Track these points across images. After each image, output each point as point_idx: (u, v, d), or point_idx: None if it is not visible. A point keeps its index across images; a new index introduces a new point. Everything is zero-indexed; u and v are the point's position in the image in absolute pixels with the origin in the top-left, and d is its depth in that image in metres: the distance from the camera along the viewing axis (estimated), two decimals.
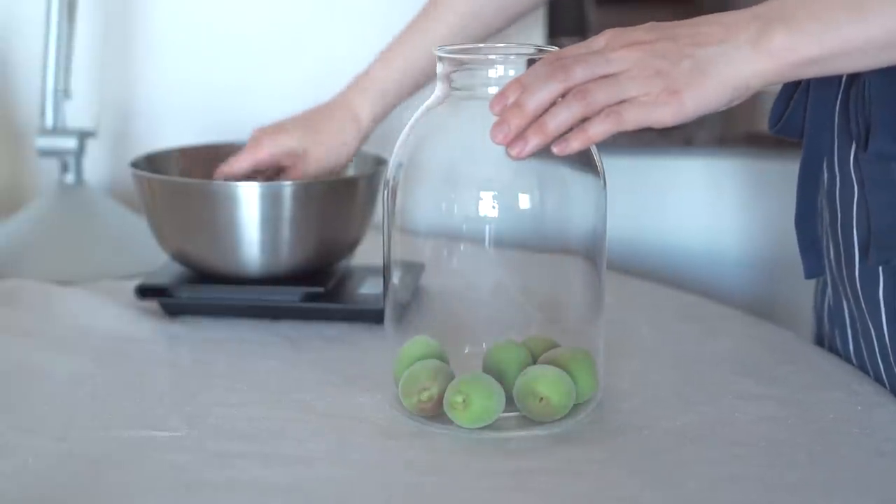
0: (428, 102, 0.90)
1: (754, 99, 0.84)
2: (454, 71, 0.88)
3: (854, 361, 1.00)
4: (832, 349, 1.03)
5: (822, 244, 0.99)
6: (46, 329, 1.08)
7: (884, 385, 0.96)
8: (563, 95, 0.80)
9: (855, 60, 0.82)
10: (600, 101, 0.79)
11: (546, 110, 0.80)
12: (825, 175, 0.96)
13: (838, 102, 0.95)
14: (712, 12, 0.84)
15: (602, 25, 0.86)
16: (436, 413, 0.87)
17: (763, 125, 1.80)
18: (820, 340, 1.07)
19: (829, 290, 1.01)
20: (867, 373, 0.98)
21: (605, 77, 0.80)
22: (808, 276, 1.00)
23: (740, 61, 0.80)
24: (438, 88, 0.89)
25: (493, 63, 0.86)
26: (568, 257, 0.91)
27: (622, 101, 0.80)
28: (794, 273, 1.72)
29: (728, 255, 1.73)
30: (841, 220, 0.94)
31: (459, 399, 0.85)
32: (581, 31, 2.26)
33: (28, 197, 1.45)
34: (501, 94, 0.81)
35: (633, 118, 0.80)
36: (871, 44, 0.80)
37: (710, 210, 1.74)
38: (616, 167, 1.66)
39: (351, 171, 1.21)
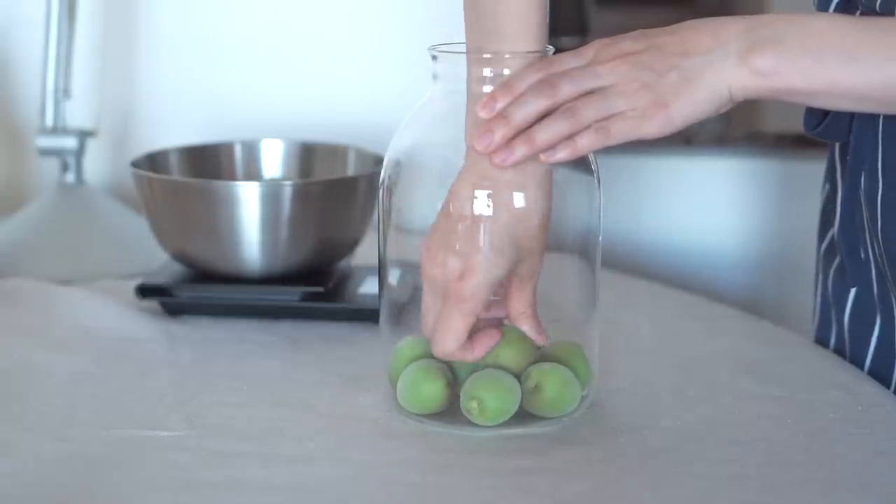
0: (423, 100, 0.90)
1: (754, 99, 0.84)
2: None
3: None
4: (854, 349, 1.01)
5: (863, 246, 0.98)
6: (47, 328, 1.08)
7: None
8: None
9: (836, 101, 0.83)
10: (589, 118, 0.81)
11: (533, 122, 0.81)
12: (864, 177, 0.95)
13: None
14: (711, 12, 0.84)
15: (602, 25, 0.87)
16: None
17: (762, 125, 1.81)
18: (823, 337, 1.06)
19: (875, 283, 0.98)
20: None
21: (593, 92, 0.81)
22: (855, 283, 0.99)
23: (726, 71, 0.80)
24: (434, 86, 0.89)
25: (489, 62, 0.86)
26: (563, 256, 0.91)
27: (610, 116, 0.80)
28: (793, 272, 1.72)
29: (728, 254, 1.73)
30: (882, 224, 0.93)
31: (474, 405, 0.85)
32: (581, 31, 2.26)
33: (28, 196, 1.45)
34: (491, 98, 0.82)
35: (621, 132, 0.81)
36: (854, 92, 0.81)
37: (710, 209, 1.74)
38: (616, 167, 1.67)
39: (350, 171, 1.21)
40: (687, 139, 1.69)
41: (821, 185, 1.08)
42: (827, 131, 0.96)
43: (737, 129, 1.77)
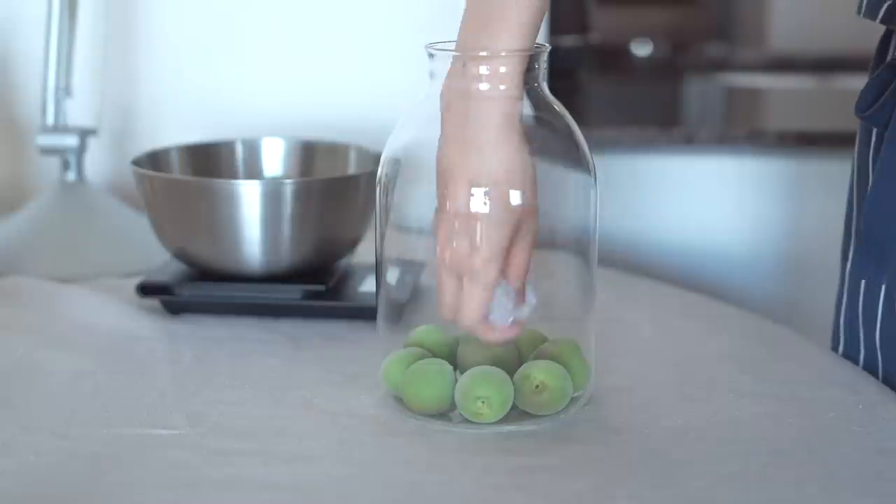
0: (419, 98, 0.90)
1: (756, 98, 0.84)
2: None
3: None
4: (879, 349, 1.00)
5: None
6: (48, 327, 1.08)
7: None
8: None
9: None
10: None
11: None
12: None
13: None
14: (713, 12, 0.84)
15: (603, 24, 0.86)
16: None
17: (763, 125, 1.81)
18: (851, 357, 1.04)
19: None
20: None
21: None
22: (866, 277, 0.99)
23: None
24: (430, 84, 0.89)
25: (486, 59, 0.85)
26: (559, 253, 0.91)
27: None
28: (796, 270, 1.73)
29: (729, 253, 1.74)
30: None
31: (480, 404, 0.86)
32: (582, 29, 2.26)
33: (29, 195, 1.45)
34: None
35: None
36: None
37: (711, 208, 1.74)
38: (617, 166, 1.67)
39: (351, 169, 1.21)
40: (687, 139, 1.70)
41: (821, 183, 1.08)
42: (873, 116, 0.96)
43: (738, 128, 1.78)
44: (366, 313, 1.08)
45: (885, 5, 0.95)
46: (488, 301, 0.85)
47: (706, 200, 1.73)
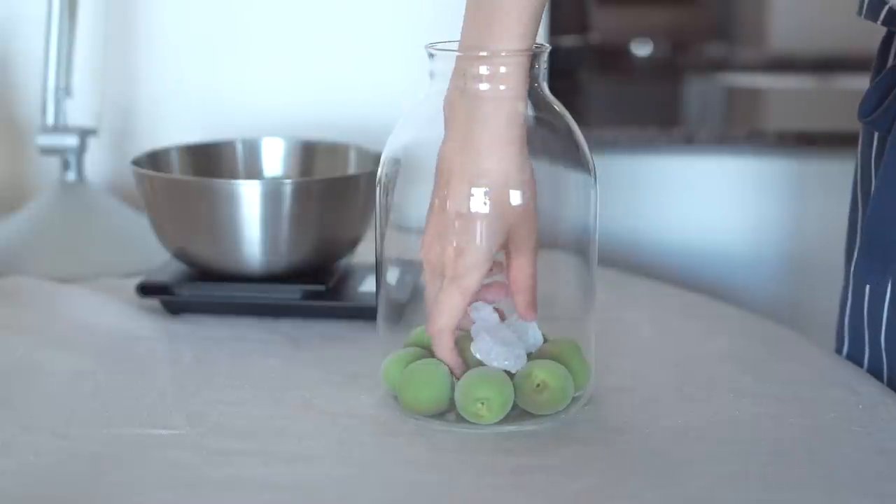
0: (419, 98, 0.90)
1: (756, 98, 0.84)
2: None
3: None
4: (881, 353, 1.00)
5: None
6: (47, 327, 1.08)
7: None
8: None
9: None
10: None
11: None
12: None
13: None
14: (713, 12, 0.84)
15: (602, 25, 0.86)
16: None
17: (763, 125, 1.81)
18: (855, 358, 1.03)
19: None
20: None
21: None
22: (871, 281, 0.99)
23: None
24: (430, 84, 0.89)
25: (485, 59, 0.85)
26: (559, 253, 0.92)
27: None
28: (797, 270, 1.73)
29: (729, 253, 1.73)
30: None
31: (480, 405, 0.86)
32: (582, 29, 2.26)
33: (29, 195, 1.45)
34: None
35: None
36: None
37: (711, 208, 1.74)
38: (618, 166, 1.67)
39: (351, 169, 1.21)
40: (687, 139, 1.70)
41: (821, 183, 1.08)
42: (878, 120, 0.96)
43: (738, 128, 1.78)
44: (366, 313, 1.08)
45: (887, 7, 0.95)
46: (462, 308, 0.86)
47: (706, 200, 1.73)
